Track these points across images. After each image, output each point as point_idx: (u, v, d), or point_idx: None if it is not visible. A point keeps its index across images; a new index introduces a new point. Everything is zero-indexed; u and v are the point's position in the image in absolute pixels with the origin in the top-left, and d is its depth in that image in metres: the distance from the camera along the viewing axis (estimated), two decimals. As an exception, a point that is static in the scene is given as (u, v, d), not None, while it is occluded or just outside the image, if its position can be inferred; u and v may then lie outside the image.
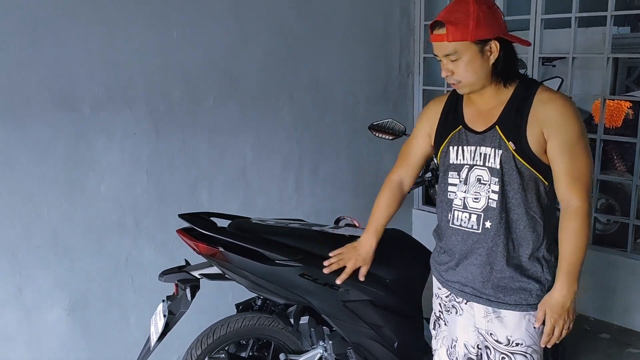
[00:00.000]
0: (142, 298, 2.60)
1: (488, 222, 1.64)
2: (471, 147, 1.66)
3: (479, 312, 1.71)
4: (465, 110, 1.72)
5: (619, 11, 3.03)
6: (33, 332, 2.32)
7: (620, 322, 3.23)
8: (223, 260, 1.96)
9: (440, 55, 1.60)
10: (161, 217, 2.62)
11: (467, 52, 1.55)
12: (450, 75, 1.60)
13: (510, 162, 1.59)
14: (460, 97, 1.75)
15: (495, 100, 1.64)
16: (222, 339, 2.10)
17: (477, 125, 1.67)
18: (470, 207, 1.67)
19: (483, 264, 1.67)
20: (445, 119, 1.76)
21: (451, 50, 1.55)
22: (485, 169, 1.63)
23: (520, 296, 1.65)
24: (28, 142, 2.19)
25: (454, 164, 1.71)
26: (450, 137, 1.72)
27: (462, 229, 1.69)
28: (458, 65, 1.57)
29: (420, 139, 1.88)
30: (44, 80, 2.19)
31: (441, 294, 1.85)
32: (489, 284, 1.68)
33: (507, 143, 1.59)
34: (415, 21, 3.82)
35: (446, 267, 1.79)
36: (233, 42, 2.78)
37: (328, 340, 2.12)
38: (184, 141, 2.67)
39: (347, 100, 3.45)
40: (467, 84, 1.60)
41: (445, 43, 1.55)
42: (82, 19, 2.26)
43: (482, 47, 1.55)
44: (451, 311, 1.82)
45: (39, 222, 2.26)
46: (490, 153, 1.62)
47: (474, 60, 1.56)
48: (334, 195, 3.47)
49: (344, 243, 2.09)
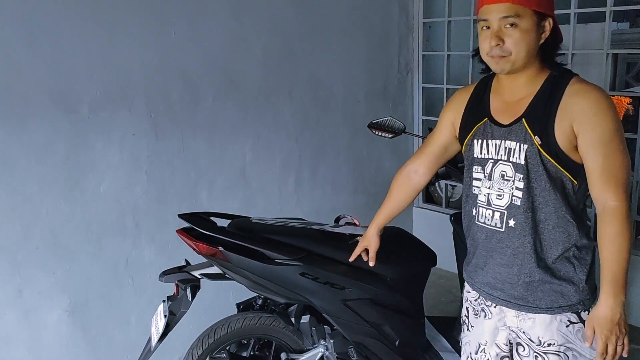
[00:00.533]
0: (143, 298, 2.60)
1: (512, 220, 1.55)
2: (496, 141, 1.57)
3: (510, 313, 1.63)
4: (492, 101, 1.62)
5: (617, 7, 3.03)
6: (33, 333, 2.31)
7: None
8: (223, 259, 1.95)
9: (495, 18, 1.45)
10: (161, 218, 2.61)
11: (528, 20, 1.44)
12: (500, 45, 1.45)
13: (535, 157, 1.49)
14: (488, 87, 1.65)
15: (525, 89, 1.54)
16: (223, 339, 2.10)
17: (503, 117, 1.57)
18: (494, 204, 1.58)
19: (510, 264, 1.58)
20: (471, 110, 1.67)
21: (512, 13, 1.42)
22: (509, 164, 1.54)
23: (552, 299, 1.56)
24: (27, 143, 2.18)
25: (478, 158, 1.62)
26: (475, 130, 1.63)
27: (486, 227, 1.61)
28: (512, 34, 1.44)
29: (442, 127, 1.78)
30: (42, 81, 2.19)
31: (470, 297, 1.77)
32: (518, 286, 1.59)
33: (533, 137, 1.48)
34: (414, 19, 3.81)
35: (474, 267, 1.70)
36: (232, 41, 2.78)
37: (329, 339, 2.11)
38: (184, 141, 2.66)
39: (347, 99, 3.45)
40: (515, 58, 1.47)
41: (507, 4, 1.42)
42: (81, 19, 2.25)
43: (540, 20, 1.46)
44: (480, 314, 1.73)
45: (39, 223, 2.26)
46: (515, 147, 1.52)
47: (530, 31, 1.44)
48: (334, 194, 3.47)
49: (344, 242, 2.09)
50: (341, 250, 2.06)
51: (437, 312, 3.34)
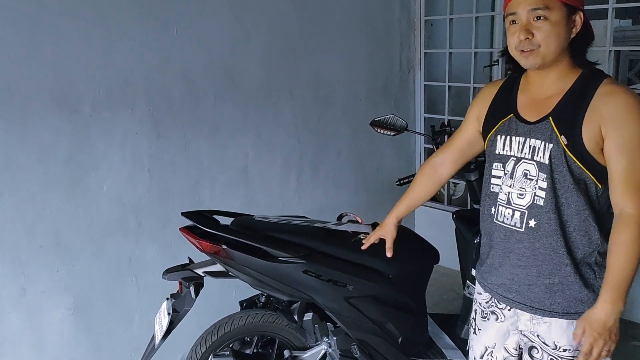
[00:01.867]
0: (146, 296, 2.61)
1: (532, 220, 1.51)
2: (520, 138, 1.53)
3: (524, 316, 1.59)
4: (519, 98, 1.58)
5: (620, 4, 3.02)
6: (37, 332, 2.32)
7: (625, 315, 3.21)
8: (226, 257, 1.96)
9: (523, 11, 1.42)
10: (164, 216, 2.62)
11: (558, 12, 1.41)
12: (529, 38, 1.42)
13: (560, 157, 1.45)
14: (516, 83, 1.61)
15: (554, 87, 1.50)
16: (226, 336, 2.10)
17: (529, 114, 1.53)
18: (515, 203, 1.54)
19: (528, 265, 1.55)
20: (497, 105, 1.63)
21: (542, 4, 1.40)
22: (533, 163, 1.50)
23: (569, 304, 1.52)
24: (29, 143, 2.19)
25: (499, 155, 1.58)
26: (499, 125, 1.59)
27: (505, 226, 1.57)
28: (542, 27, 1.41)
29: (468, 122, 1.74)
30: (44, 81, 2.19)
31: (481, 299, 1.72)
32: (536, 288, 1.55)
33: (559, 137, 1.44)
34: (416, 17, 3.81)
35: (488, 267, 1.66)
36: (233, 40, 2.78)
37: (332, 337, 2.12)
38: (185, 140, 2.67)
39: (348, 97, 3.44)
40: (545, 52, 1.43)
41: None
42: (82, 19, 2.26)
43: (570, 13, 1.42)
44: (489, 317, 1.68)
45: (42, 222, 2.27)
46: (540, 146, 1.48)
47: (560, 24, 1.41)
48: (336, 192, 3.47)
49: (346, 239, 2.09)
50: (344, 248, 2.06)
51: (440, 310, 3.34)
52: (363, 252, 2.04)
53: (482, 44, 4.27)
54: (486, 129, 1.64)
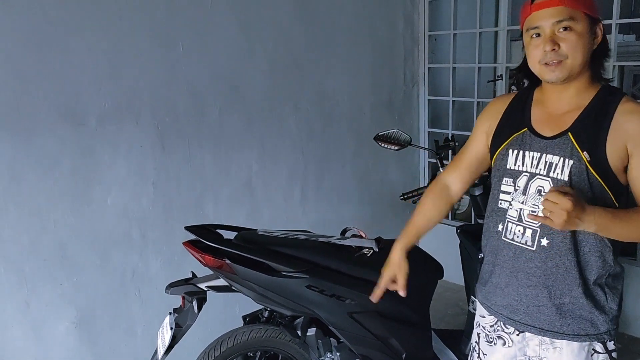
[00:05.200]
0: (149, 311, 2.60)
1: (545, 239, 1.45)
2: (535, 153, 1.47)
3: (533, 342, 1.54)
4: (533, 112, 1.53)
5: (624, 19, 3.03)
6: (40, 345, 2.31)
7: (631, 331, 3.19)
8: (229, 272, 1.96)
9: (547, 23, 1.39)
10: (167, 230, 2.62)
11: (582, 23, 1.38)
12: (555, 49, 1.38)
13: (582, 174, 1.39)
14: (530, 97, 1.56)
15: (572, 102, 1.46)
16: (229, 352, 2.09)
17: (545, 129, 1.47)
18: (527, 220, 1.48)
19: (539, 286, 1.49)
20: (508, 118, 1.57)
21: (566, 16, 1.36)
22: (548, 180, 1.43)
23: (580, 326, 1.47)
24: (35, 155, 2.20)
25: (510, 170, 1.51)
26: (511, 139, 1.52)
27: (515, 244, 1.51)
28: (568, 38, 1.37)
29: (477, 138, 1.67)
30: (50, 94, 2.21)
31: (484, 323, 1.65)
32: (546, 309, 1.49)
33: (581, 153, 1.39)
34: (420, 31, 3.83)
35: (493, 287, 1.59)
36: (238, 53, 2.80)
37: (336, 352, 2.10)
38: (190, 153, 2.68)
39: (352, 111, 3.46)
40: (572, 63, 1.39)
41: (561, 7, 1.37)
42: (88, 32, 2.28)
43: (593, 24, 1.40)
44: (495, 342, 1.62)
45: (46, 235, 2.27)
46: (558, 162, 1.42)
47: (585, 35, 1.38)
48: (340, 205, 3.47)
49: (350, 254, 2.09)
50: (347, 263, 2.05)
51: (444, 325, 3.32)
52: (366, 266, 2.03)
53: (486, 59, 4.29)
54: (496, 143, 1.58)
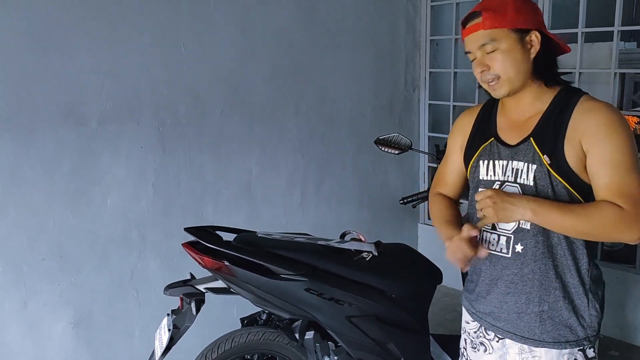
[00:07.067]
0: (147, 312, 2.60)
1: (519, 245, 1.47)
2: (503, 162, 1.50)
3: (513, 349, 1.54)
4: (498, 121, 1.57)
5: (625, 26, 3.03)
6: (38, 345, 2.31)
7: (629, 339, 3.19)
8: (228, 274, 1.95)
9: (474, 48, 1.45)
10: (167, 231, 2.62)
11: (506, 40, 1.41)
12: (486, 70, 1.44)
13: (545, 178, 1.42)
14: (494, 107, 1.60)
15: (532, 108, 1.49)
16: (226, 354, 2.09)
17: (510, 137, 1.51)
18: (500, 228, 1.50)
19: (517, 292, 1.50)
20: (477, 131, 1.61)
21: (487, 39, 1.41)
22: (517, 186, 1.46)
23: (560, 332, 1.48)
24: (35, 155, 2.20)
25: (484, 180, 1.55)
26: (480, 150, 1.56)
27: (491, 252, 1.53)
28: (495, 57, 1.42)
29: (454, 155, 1.70)
30: (51, 95, 2.21)
31: (469, 329, 1.67)
32: (525, 316, 1.50)
33: (542, 157, 1.42)
34: (421, 36, 3.83)
35: (476, 295, 1.61)
36: (239, 56, 2.80)
37: (333, 356, 2.10)
38: (190, 155, 2.68)
39: (353, 114, 3.46)
40: (507, 79, 1.43)
41: (480, 32, 1.41)
42: (90, 33, 2.28)
43: (522, 36, 1.42)
44: (478, 349, 1.64)
45: (45, 235, 2.27)
46: (523, 168, 1.45)
47: (513, 50, 1.41)
48: (340, 209, 3.46)
49: (349, 258, 2.08)
50: (346, 266, 2.05)
51: (442, 330, 3.31)
52: (365, 270, 2.03)
53: (487, 64, 4.29)
54: (468, 155, 1.62)
